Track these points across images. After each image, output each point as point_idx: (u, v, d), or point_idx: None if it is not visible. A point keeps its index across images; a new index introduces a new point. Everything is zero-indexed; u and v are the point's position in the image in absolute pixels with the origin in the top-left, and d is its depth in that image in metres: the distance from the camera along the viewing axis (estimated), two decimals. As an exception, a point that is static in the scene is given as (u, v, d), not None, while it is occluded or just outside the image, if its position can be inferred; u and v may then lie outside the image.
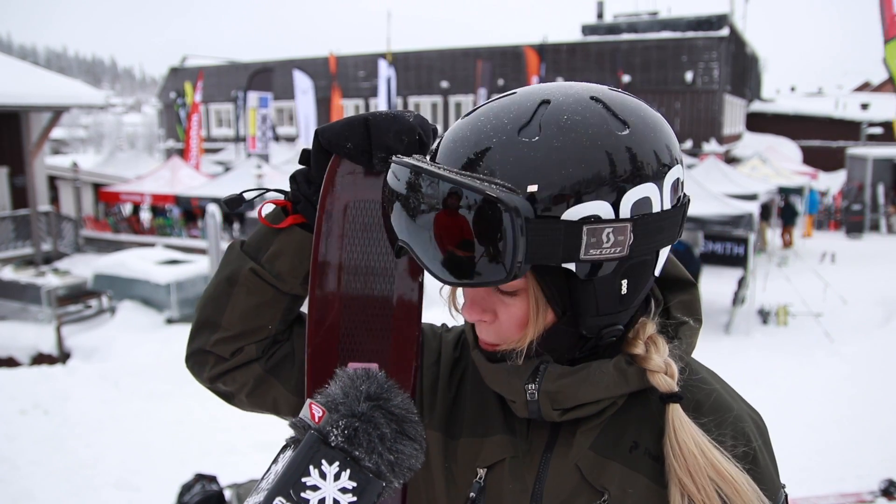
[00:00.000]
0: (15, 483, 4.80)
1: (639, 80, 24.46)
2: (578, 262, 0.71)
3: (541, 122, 0.72)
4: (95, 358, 9.19)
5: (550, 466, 0.82)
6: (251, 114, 18.25)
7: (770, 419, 0.92)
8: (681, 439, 0.76)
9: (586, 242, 0.69)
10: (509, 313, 0.77)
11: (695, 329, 0.85)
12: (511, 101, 0.76)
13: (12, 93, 13.39)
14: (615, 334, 0.79)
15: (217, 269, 0.92)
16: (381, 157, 0.82)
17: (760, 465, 0.81)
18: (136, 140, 70.33)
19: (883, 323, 9.61)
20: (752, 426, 0.84)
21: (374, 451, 0.64)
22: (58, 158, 38.29)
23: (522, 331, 0.78)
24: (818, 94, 48.81)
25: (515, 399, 0.82)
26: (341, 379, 0.70)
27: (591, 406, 0.80)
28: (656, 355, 0.79)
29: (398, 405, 0.68)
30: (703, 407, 0.82)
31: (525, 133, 0.71)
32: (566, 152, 0.70)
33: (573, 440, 0.82)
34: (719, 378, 0.90)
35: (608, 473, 0.80)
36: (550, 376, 0.79)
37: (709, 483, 0.74)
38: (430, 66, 28.05)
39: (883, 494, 4.79)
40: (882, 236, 19.42)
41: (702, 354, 0.90)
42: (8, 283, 11.60)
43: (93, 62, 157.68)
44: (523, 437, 0.85)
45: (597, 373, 0.79)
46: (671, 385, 0.78)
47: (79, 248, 17.14)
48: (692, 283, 0.89)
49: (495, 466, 0.84)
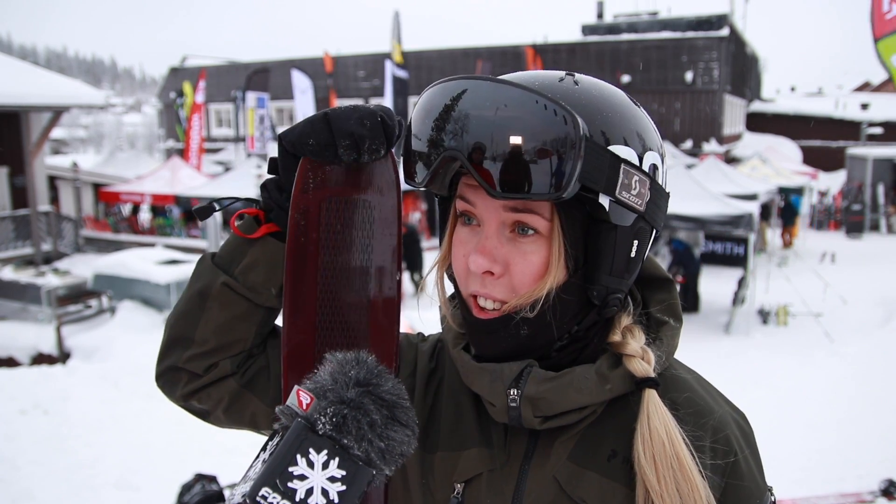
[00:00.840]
0: (15, 483, 4.80)
1: (639, 80, 24.45)
2: (611, 200, 0.73)
3: (575, 80, 0.77)
4: (95, 358, 9.19)
5: (528, 478, 0.80)
6: (249, 114, 18.25)
7: (770, 419, 0.92)
8: (653, 425, 0.75)
9: (621, 182, 0.73)
10: (526, 262, 0.76)
11: (676, 329, 0.85)
12: (533, 72, 0.79)
13: (12, 93, 13.39)
14: (616, 304, 0.79)
15: (188, 283, 0.88)
16: (346, 145, 0.78)
17: (744, 473, 0.80)
18: (136, 140, 70.32)
19: (883, 323, 9.60)
20: (734, 430, 0.82)
21: (363, 439, 0.62)
22: (58, 158, 38.28)
23: (538, 282, 0.75)
24: (818, 94, 48.81)
25: (496, 403, 0.79)
26: (330, 364, 0.68)
27: (573, 414, 0.79)
28: (633, 341, 0.80)
29: (389, 390, 0.66)
30: (680, 410, 0.80)
31: (564, 83, 0.76)
32: (606, 101, 0.76)
33: (550, 451, 0.80)
34: (702, 379, 0.89)
35: (586, 484, 0.78)
36: (534, 380, 0.78)
37: (670, 474, 0.73)
38: (431, 66, 28.03)
39: (883, 494, 4.79)
40: (882, 236, 19.41)
41: (702, 354, 0.90)
42: (8, 283, 11.59)
43: (93, 62, 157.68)
44: (501, 447, 0.83)
45: (580, 378, 0.78)
46: (647, 370, 0.78)
47: (79, 248, 17.14)
48: (669, 280, 0.88)
49: (473, 481, 0.82)
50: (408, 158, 0.79)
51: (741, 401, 0.92)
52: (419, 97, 0.79)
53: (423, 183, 0.76)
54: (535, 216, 0.75)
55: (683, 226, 10.62)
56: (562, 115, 0.69)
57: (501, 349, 0.80)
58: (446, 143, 0.72)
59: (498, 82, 0.71)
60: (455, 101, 0.72)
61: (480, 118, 0.70)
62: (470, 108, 0.71)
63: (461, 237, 0.81)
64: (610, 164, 0.72)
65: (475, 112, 0.71)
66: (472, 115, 0.71)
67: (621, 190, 0.73)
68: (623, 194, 0.73)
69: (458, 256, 0.81)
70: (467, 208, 0.79)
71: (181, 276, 11.24)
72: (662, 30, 26.14)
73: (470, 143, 0.71)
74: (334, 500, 0.60)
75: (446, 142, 0.72)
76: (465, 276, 0.80)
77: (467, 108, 0.71)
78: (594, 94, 0.75)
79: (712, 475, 0.77)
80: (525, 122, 0.69)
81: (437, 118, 0.73)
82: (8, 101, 13.36)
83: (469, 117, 0.71)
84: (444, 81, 0.75)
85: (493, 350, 0.81)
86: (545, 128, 0.69)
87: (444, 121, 0.73)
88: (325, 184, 0.81)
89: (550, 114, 0.69)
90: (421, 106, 0.77)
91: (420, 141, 0.75)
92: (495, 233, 0.77)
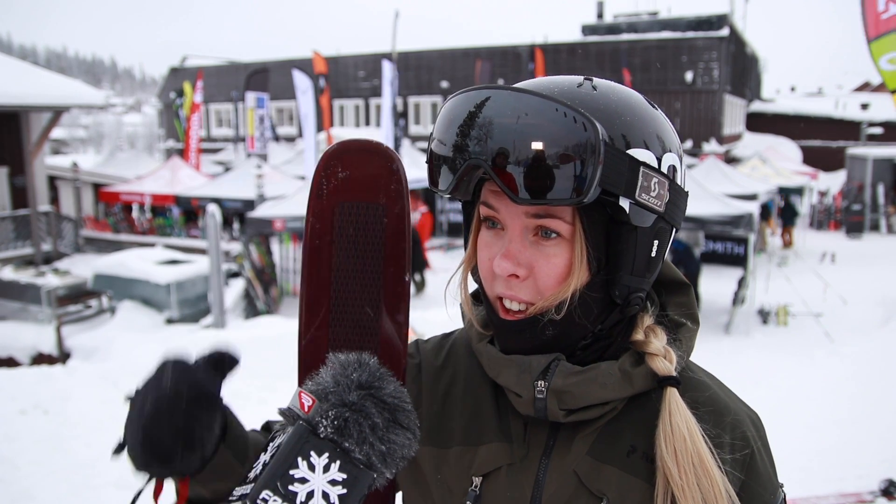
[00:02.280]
0: (15, 483, 4.80)
1: (639, 80, 24.43)
2: (632, 203, 0.75)
3: (593, 85, 0.78)
4: (95, 358, 9.19)
5: (548, 472, 0.81)
6: (249, 114, 18.26)
7: (770, 419, 0.93)
8: (674, 422, 0.77)
9: (640, 184, 0.75)
10: (550, 264, 0.78)
11: (693, 331, 0.87)
12: (551, 78, 0.80)
13: (12, 93, 13.39)
14: (638, 303, 0.81)
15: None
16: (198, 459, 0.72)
17: (759, 467, 0.82)
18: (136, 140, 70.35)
19: (883, 323, 9.61)
20: (750, 427, 0.84)
21: (364, 442, 0.63)
22: (58, 158, 38.24)
23: (562, 284, 0.77)
24: (818, 94, 48.82)
25: (523, 394, 0.81)
26: (332, 366, 0.68)
27: (596, 409, 0.80)
28: (655, 340, 0.81)
29: (390, 393, 0.67)
30: (700, 409, 0.82)
31: (582, 89, 0.78)
32: (624, 105, 0.78)
33: (571, 445, 0.82)
34: (718, 381, 0.91)
35: (605, 478, 0.79)
36: (561, 373, 0.79)
37: (691, 469, 0.75)
38: (431, 66, 28.04)
39: (883, 494, 4.79)
40: (882, 236, 19.42)
41: (702, 354, 0.91)
42: (8, 283, 11.59)
43: (93, 62, 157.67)
44: (520, 441, 0.84)
45: (605, 374, 0.79)
46: (669, 369, 0.79)
47: (79, 248, 17.15)
48: (687, 284, 0.90)
49: (491, 474, 0.83)
50: (432, 166, 0.80)
51: (741, 401, 0.93)
52: (442, 104, 0.81)
53: (448, 190, 0.78)
54: (557, 220, 0.77)
55: (683, 226, 10.61)
56: (581, 122, 0.70)
57: (528, 349, 0.82)
58: (471, 149, 0.74)
59: (520, 91, 0.73)
60: (478, 109, 0.74)
61: (503, 126, 0.72)
62: (493, 117, 0.73)
63: (486, 240, 0.83)
64: (630, 168, 0.74)
65: (498, 120, 0.73)
66: (496, 123, 0.73)
67: (641, 192, 0.75)
68: (643, 197, 0.75)
69: (483, 259, 0.83)
70: (491, 213, 0.81)
71: (181, 276, 11.24)
72: (662, 30, 26.14)
73: (493, 150, 0.72)
74: (335, 503, 0.60)
75: (471, 148, 0.74)
76: (490, 279, 0.82)
77: (490, 117, 0.73)
78: (612, 98, 0.77)
79: (731, 470, 0.79)
80: (546, 129, 0.71)
81: (461, 125, 0.75)
82: (8, 101, 13.36)
83: (493, 125, 0.73)
84: (467, 91, 0.77)
85: (519, 348, 0.83)
86: (566, 135, 0.70)
87: (469, 128, 0.74)
88: (338, 190, 0.85)
89: (570, 121, 0.70)
90: (445, 114, 0.78)
91: (445, 147, 0.77)
92: (519, 237, 0.79)
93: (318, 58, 17.23)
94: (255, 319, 10.25)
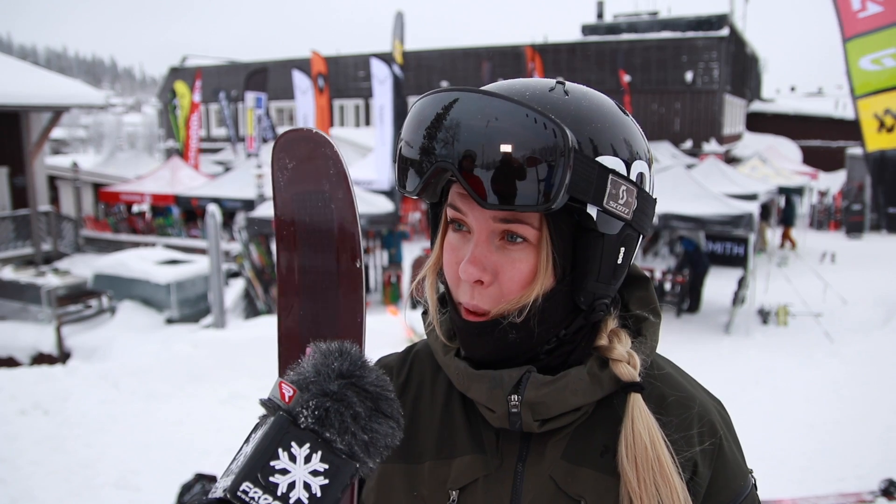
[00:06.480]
0: (15, 483, 4.80)
1: (639, 80, 24.44)
2: (599, 210, 0.75)
3: (565, 90, 0.78)
4: (95, 358, 9.20)
5: (525, 480, 0.81)
6: (249, 114, 18.25)
7: (770, 419, 0.93)
8: (636, 429, 0.77)
9: (609, 192, 0.75)
10: (515, 269, 0.77)
11: (656, 325, 0.87)
12: (524, 80, 0.80)
13: (12, 93, 13.39)
14: (603, 309, 0.81)
15: None
16: None
17: (728, 455, 0.84)
18: (136, 140, 70.36)
19: (883, 323, 9.61)
20: (716, 416, 0.85)
21: (346, 432, 0.62)
22: (58, 158, 38.23)
23: (525, 289, 0.77)
24: (818, 94, 48.80)
25: (496, 409, 0.80)
26: (314, 356, 0.67)
27: (569, 415, 0.81)
28: (619, 345, 0.82)
29: (372, 382, 0.65)
30: (667, 399, 0.84)
31: (554, 93, 0.77)
32: (595, 111, 0.77)
33: (545, 451, 0.82)
34: (682, 371, 0.92)
35: (581, 480, 0.79)
36: (533, 385, 0.79)
37: (650, 476, 0.75)
38: (430, 66, 28.03)
39: (883, 494, 4.79)
40: (882, 236, 19.40)
41: (702, 354, 0.91)
42: (8, 283, 11.59)
43: (93, 62, 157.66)
44: (493, 451, 0.83)
45: (575, 380, 0.80)
46: (633, 374, 0.80)
47: (79, 248, 17.15)
48: (646, 278, 0.91)
49: (468, 487, 0.83)
50: (400, 167, 0.80)
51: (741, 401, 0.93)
52: (411, 105, 0.80)
53: (416, 192, 0.77)
54: (524, 225, 0.76)
55: (683, 226, 10.63)
56: (551, 128, 0.69)
57: (490, 351, 0.81)
58: (437, 152, 0.73)
59: (489, 95, 0.72)
60: (447, 111, 0.73)
61: (471, 129, 0.71)
62: (462, 119, 0.72)
63: (452, 243, 0.82)
64: (598, 176, 0.73)
65: (466, 123, 0.71)
66: (464, 126, 0.71)
67: (609, 200, 0.75)
68: (611, 204, 0.75)
69: (449, 262, 0.83)
70: (458, 216, 0.80)
71: (181, 276, 11.25)
72: (662, 30, 26.13)
73: (460, 153, 0.71)
74: (317, 493, 0.60)
75: (437, 151, 0.73)
76: (455, 284, 0.82)
77: (459, 119, 0.72)
78: (583, 104, 0.77)
79: (700, 462, 0.80)
80: (515, 134, 0.70)
81: (428, 127, 0.74)
82: (8, 101, 13.36)
83: (460, 128, 0.71)
84: (436, 92, 0.76)
85: (482, 351, 0.82)
86: (535, 140, 0.69)
87: (436, 130, 0.73)
88: (291, 181, 0.89)
89: (540, 127, 0.69)
90: (413, 115, 0.77)
91: (412, 149, 0.76)
92: (485, 241, 0.78)
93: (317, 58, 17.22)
94: (255, 319, 10.26)
